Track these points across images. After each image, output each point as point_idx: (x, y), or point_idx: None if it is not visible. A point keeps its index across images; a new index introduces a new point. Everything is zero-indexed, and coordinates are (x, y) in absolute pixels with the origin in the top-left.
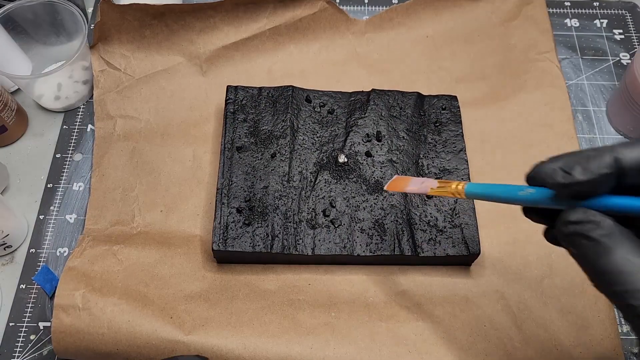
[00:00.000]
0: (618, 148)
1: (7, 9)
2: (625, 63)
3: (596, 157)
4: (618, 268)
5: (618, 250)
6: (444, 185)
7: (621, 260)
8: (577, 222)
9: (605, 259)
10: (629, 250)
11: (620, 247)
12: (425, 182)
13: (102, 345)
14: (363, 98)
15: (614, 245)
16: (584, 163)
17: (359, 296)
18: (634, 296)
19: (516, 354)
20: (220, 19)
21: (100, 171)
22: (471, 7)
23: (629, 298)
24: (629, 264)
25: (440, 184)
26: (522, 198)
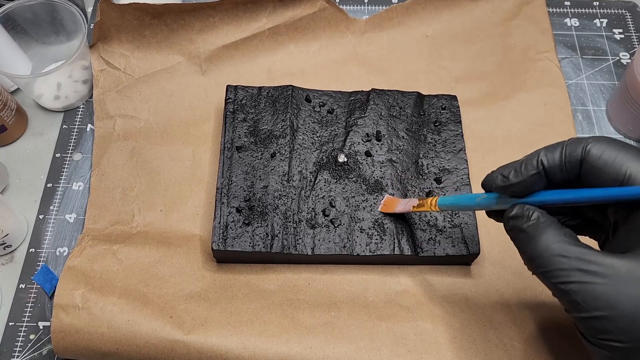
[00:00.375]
0: (542, 151)
1: (6, 8)
2: (625, 63)
3: (527, 162)
4: (540, 252)
5: (541, 237)
6: (422, 202)
7: (542, 246)
8: (514, 217)
9: (532, 246)
10: (550, 237)
11: (543, 235)
12: (409, 202)
13: (101, 345)
14: (363, 98)
15: (538, 233)
16: (517, 168)
17: (358, 296)
18: (554, 274)
19: (516, 354)
20: (220, 18)
21: (100, 171)
22: (471, 7)
23: (550, 277)
24: (549, 249)
25: (419, 201)
26: (478, 203)
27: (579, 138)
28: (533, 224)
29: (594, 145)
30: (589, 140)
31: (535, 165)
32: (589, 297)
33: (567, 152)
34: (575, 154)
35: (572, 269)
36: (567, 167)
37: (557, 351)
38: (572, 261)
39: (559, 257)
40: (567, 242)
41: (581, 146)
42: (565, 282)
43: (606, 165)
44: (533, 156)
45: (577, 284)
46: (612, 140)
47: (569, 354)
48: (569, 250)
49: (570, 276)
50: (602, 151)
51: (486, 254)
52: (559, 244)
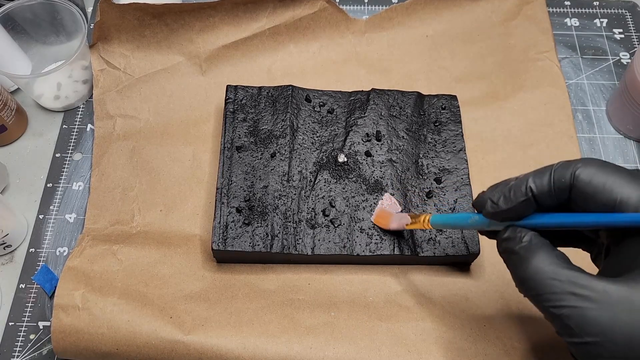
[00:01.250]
0: (531, 178)
1: (6, 8)
2: (625, 62)
3: (515, 188)
4: (532, 275)
5: (533, 260)
6: (415, 220)
7: (534, 269)
8: (506, 239)
9: (523, 268)
10: (542, 261)
11: (534, 258)
12: (402, 218)
13: (101, 345)
14: (363, 97)
15: (530, 256)
16: (507, 194)
17: (358, 296)
18: (545, 298)
19: (516, 354)
20: (220, 18)
21: (100, 170)
22: (471, 7)
23: (542, 300)
24: (541, 272)
25: (412, 219)
26: (470, 224)
27: (567, 162)
28: (525, 245)
29: (583, 171)
30: (577, 164)
31: (524, 191)
32: (582, 322)
33: (556, 177)
34: (563, 180)
35: (564, 292)
36: (556, 193)
37: (557, 351)
38: (564, 284)
39: (551, 280)
40: (560, 265)
41: (569, 171)
42: (558, 306)
43: (596, 192)
44: (522, 182)
45: (569, 308)
46: (601, 164)
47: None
48: (562, 274)
49: (563, 300)
50: (591, 177)
51: (486, 254)
52: (551, 266)
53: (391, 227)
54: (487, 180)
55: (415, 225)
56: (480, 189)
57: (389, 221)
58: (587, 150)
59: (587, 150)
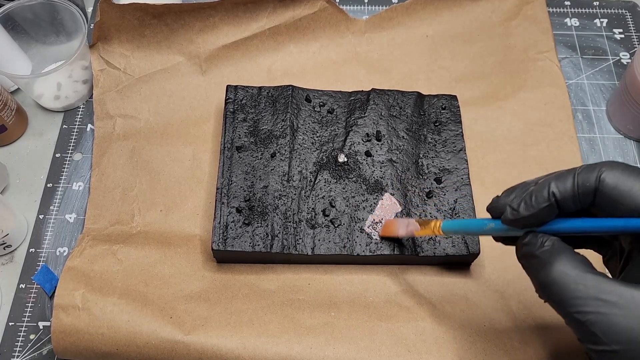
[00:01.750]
0: (553, 182)
1: (6, 8)
2: (625, 62)
3: (537, 193)
4: (555, 280)
5: (555, 264)
6: (424, 227)
7: (558, 273)
8: (527, 244)
9: (545, 272)
10: (565, 265)
11: (557, 262)
12: (410, 224)
13: (101, 345)
14: (363, 97)
15: (553, 260)
16: (527, 199)
17: (358, 296)
18: (570, 303)
19: (516, 354)
20: (220, 18)
21: (100, 170)
22: (471, 7)
23: (566, 305)
24: (565, 276)
25: (421, 226)
26: (487, 231)
27: (591, 166)
28: (547, 249)
29: (608, 174)
30: (602, 168)
31: (547, 196)
32: (608, 329)
33: (580, 181)
34: (588, 184)
35: (589, 297)
36: (580, 197)
37: (557, 351)
38: (589, 290)
39: (575, 284)
40: (584, 269)
41: (594, 175)
42: (582, 311)
43: (622, 196)
44: (543, 187)
45: (595, 314)
46: (625, 167)
47: (569, 354)
48: (587, 278)
49: (588, 305)
50: (617, 180)
51: (486, 254)
52: (576, 270)
53: (399, 234)
54: (487, 180)
55: (425, 232)
56: (481, 189)
57: (396, 228)
58: (587, 150)
59: (587, 150)
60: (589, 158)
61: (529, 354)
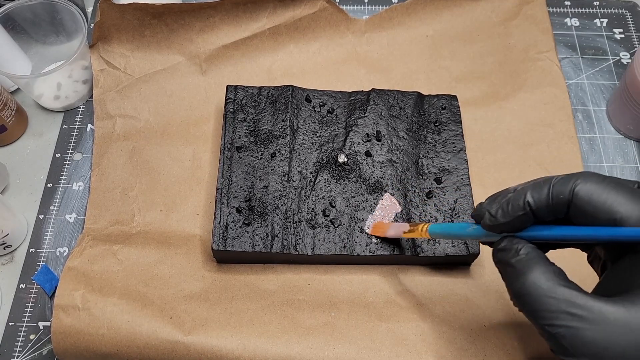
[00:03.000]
0: (529, 192)
1: (6, 8)
2: (625, 62)
3: (513, 202)
4: (528, 290)
5: (529, 275)
6: (413, 228)
7: (530, 285)
8: (502, 250)
9: (519, 282)
10: (538, 276)
11: (531, 273)
12: (400, 227)
13: (101, 346)
14: (363, 98)
15: (526, 271)
16: (504, 206)
17: (358, 296)
18: (541, 315)
19: (516, 354)
20: (220, 18)
21: (100, 170)
22: (471, 7)
23: (537, 317)
24: (537, 288)
25: (411, 227)
26: (469, 234)
27: (567, 177)
28: (522, 258)
29: (582, 187)
30: (577, 180)
31: (522, 205)
32: (577, 342)
33: (554, 193)
34: (562, 196)
35: (560, 311)
36: (554, 208)
37: None
38: (560, 303)
39: (546, 297)
40: (556, 282)
41: (568, 187)
42: (553, 324)
43: (596, 210)
44: (520, 195)
45: (565, 328)
46: (601, 180)
47: None
48: (558, 291)
49: (559, 319)
50: (591, 194)
51: (486, 254)
52: (548, 282)
53: (388, 234)
54: (487, 180)
55: (412, 234)
56: (481, 189)
57: (386, 229)
58: (587, 150)
59: (587, 150)
60: (589, 158)
61: (529, 354)
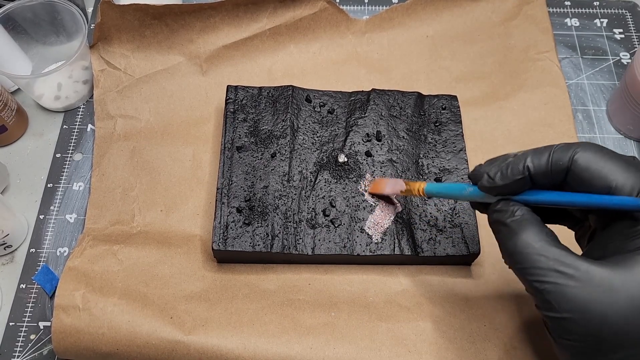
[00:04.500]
0: (529, 157)
1: (7, 8)
2: (625, 62)
3: (513, 165)
4: (519, 249)
5: (522, 234)
6: (410, 187)
7: (523, 243)
8: (498, 211)
9: (513, 241)
10: (531, 236)
11: (524, 233)
12: (397, 185)
13: (102, 346)
14: (363, 98)
15: (520, 230)
16: (504, 170)
17: (359, 296)
18: (530, 272)
19: (516, 354)
20: (221, 18)
21: (101, 170)
22: (471, 7)
23: (527, 274)
24: (529, 247)
25: (407, 185)
26: (465, 195)
27: (567, 145)
28: (516, 219)
29: (581, 155)
30: (576, 149)
31: (522, 169)
32: (562, 298)
33: (554, 159)
34: (561, 163)
35: (549, 269)
36: (552, 174)
37: None
38: (550, 261)
39: (537, 255)
40: (548, 242)
41: (568, 154)
42: (541, 281)
43: (592, 177)
44: (520, 160)
45: (552, 284)
46: (599, 149)
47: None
48: (549, 251)
49: (547, 276)
50: (589, 162)
51: (486, 254)
52: (540, 242)
53: (386, 191)
54: None
55: (409, 192)
56: None
57: (384, 186)
58: None
59: None
60: None
61: (529, 354)
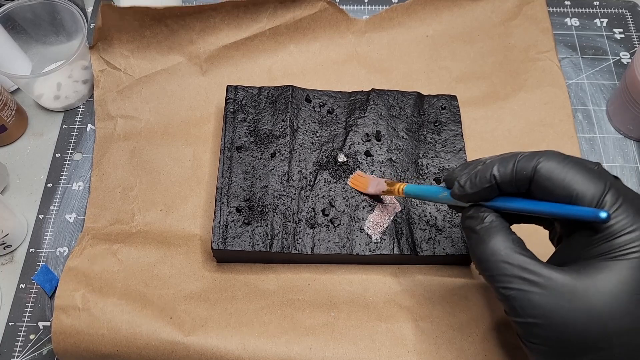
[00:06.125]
0: (496, 165)
1: (6, 8)
2: (625, 62)
3: (481, 174)
4: (488, 256)
5: (490, 241)
6: (391, 188)
7: (490, 250)
8: (469, 217)
9: (481, 248)
10: (498, 243)
11: (492, 240)
12: (379, 184)
13: (101, 346)
14: (363, 98)
15: (488, 238)
16: (472, 178)
17: (358, 296)
18: (497, 279)
19: (516, 354)
20: (221, 19)
21: (101, 170)
22: (471, 7)
23: (494, 281)
24: (495, 254)
25: (388, 186)
26: (440, 199)
27: (531, 154)
28: (485, 227)
29: (544, 165)
30: (539, 158)
31: (488, 178)
32: (526, 304)
33: (518, 168)
34: (525, 172)
35: (514, 276)
36: (517, 183)
37: None
38: (514, 269)
39: (503, 263)
40: (514, 249)
41: (532, 164)
42: (506, 287)
43: (554, 187)
44: (487, 168)
45: (516, 291)
46: (563, 158)
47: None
48: (514, 258)
49: (512, 282)
50: (551, 171)
51: None
52: (506, 250)
53: (369, 191)
54: None
55: (390, 193)
56: None
57: (367, 185)
58: (587, 150)
59: (587, 150)
60: (589, 158)
61: None
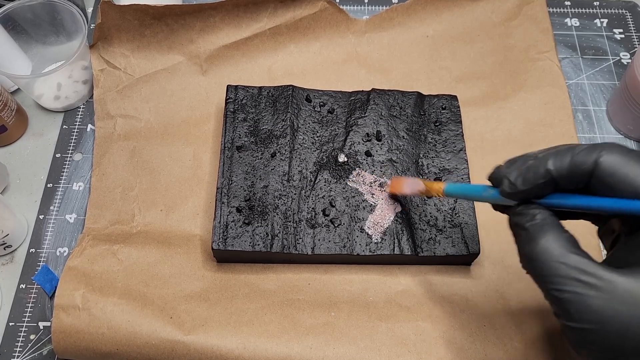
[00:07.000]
0: (551, 160)
1: (6, 8)
2: (625, 62)
3: (535, 169)
4: (538, 255)
5: (541, 240)
6: (429, 187)
7: (542, 249)
8: (518, 214)
9: (530, 246)
10: (551, 242)
11: (543, 238)
12: (415, 185)
13: (102, 346)
14: (363, 97)
15: (539, 235)
16: (525, 174)
17: (358, 296)
18: (550, 280)
19: (516, 354)
20: (221, 18)
21: (101, 170)
22: (471, 7)
23: (546, 281)
24: (548, 253)
25: (427, 185)
26: (486, 197)
27: (591, 147)
28: (536, 223)
29: (606, 158)
30: (600, 151)
31: (543, 173)
32: (583, 309)
33: (576, 162)
34: (584, 166)
35: (569, 277)
36: (575, 178)
37: (557, 351)
38: (570, 270)
39: (557, 263)
40: (568, 248)
41: (592, 158)
42: (560, 289)
43: (618, 182)
44: (541, 163)
45: (572, 293)
46: (625, 152)
47: (569, 354)
48: (569, 258)
49: (567, 284)
50: (614, 166)
51: (486, 254)
52: (560, 249)
53: (404, 191)
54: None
55: (428, 193)
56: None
57: (402, 186)
58: None
59: None
60: None
61: (529, 354)
